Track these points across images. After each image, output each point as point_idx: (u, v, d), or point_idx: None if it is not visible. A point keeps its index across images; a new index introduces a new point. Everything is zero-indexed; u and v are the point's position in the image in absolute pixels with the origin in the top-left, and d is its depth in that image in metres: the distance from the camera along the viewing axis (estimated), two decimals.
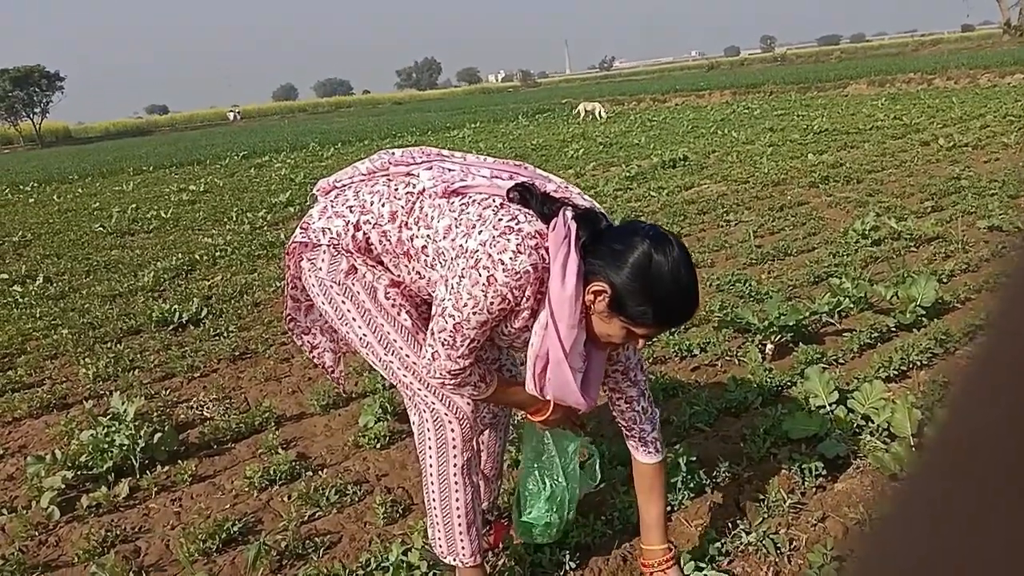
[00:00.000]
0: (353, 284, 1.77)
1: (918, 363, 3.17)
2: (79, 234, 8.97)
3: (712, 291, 4.43)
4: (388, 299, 1.77)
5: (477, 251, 1.57)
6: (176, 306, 4.93)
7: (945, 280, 4.11)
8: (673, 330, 3.79)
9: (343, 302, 1.78)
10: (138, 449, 2.93)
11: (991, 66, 20.59)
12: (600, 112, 19.05)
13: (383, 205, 1.75)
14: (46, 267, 7.09)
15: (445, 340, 1.62)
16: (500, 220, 1.59)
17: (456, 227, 1.64)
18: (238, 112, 71.43)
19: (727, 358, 3.49)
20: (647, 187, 8.17)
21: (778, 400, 3.02)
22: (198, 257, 6.76)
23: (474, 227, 1.61)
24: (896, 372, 3.12)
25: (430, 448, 1.83)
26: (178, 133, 54.98)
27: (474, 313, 1.58)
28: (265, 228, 8.11)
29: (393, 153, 1.86)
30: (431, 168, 1.76)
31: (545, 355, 1.64)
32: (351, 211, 1.78)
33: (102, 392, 3.80)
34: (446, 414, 1.80)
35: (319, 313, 2.04)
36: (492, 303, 1.57)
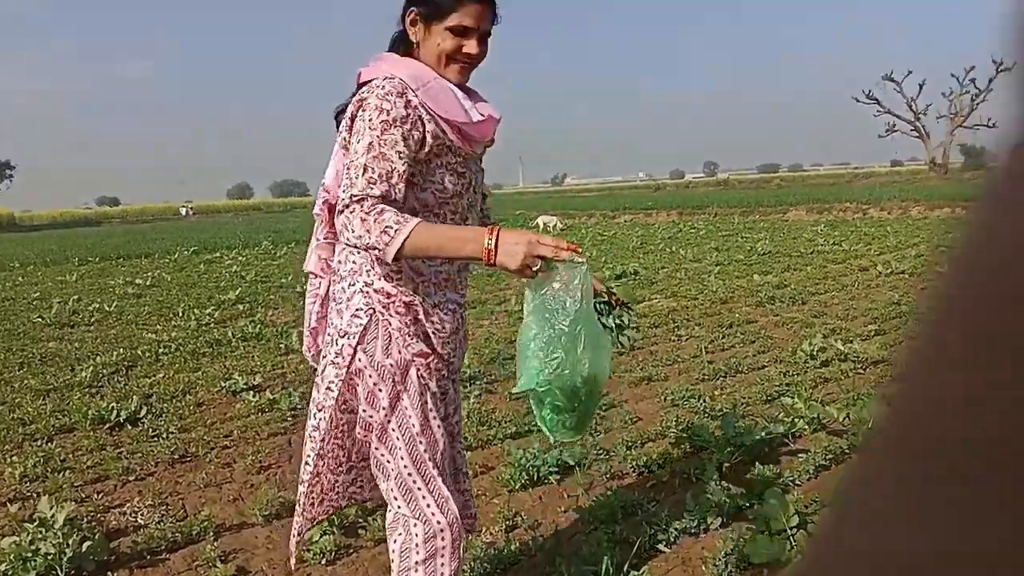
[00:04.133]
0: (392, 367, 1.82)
1: None
2: (15, 324, 8.65)
3: (667, 405, 4.44)
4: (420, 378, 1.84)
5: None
6: (114, 404, 4.72)
7: None
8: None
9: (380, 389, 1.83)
10: (65, 559, 2.72)
11: (920, 199, 21.81)
12: (556, 225, 19.68)
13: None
14: None
15: (360, 165, 1.67)
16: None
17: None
18: (191, 208, 71.30)
19: (683, 476, 3.46)
20: None
21: (737, 520, 2.99)
22: (140, 353, 6.55)
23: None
24: None
25: (417, 563, 1.82)
26: (128, 225, 54.38)
27: (381, 122, 1.68)
28: (212, 325, 7.93)
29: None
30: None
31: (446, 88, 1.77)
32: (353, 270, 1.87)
33: (28, 494, 3.57)
34: (439, 522, 1.81)
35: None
36: (389, 109, 1.68)
